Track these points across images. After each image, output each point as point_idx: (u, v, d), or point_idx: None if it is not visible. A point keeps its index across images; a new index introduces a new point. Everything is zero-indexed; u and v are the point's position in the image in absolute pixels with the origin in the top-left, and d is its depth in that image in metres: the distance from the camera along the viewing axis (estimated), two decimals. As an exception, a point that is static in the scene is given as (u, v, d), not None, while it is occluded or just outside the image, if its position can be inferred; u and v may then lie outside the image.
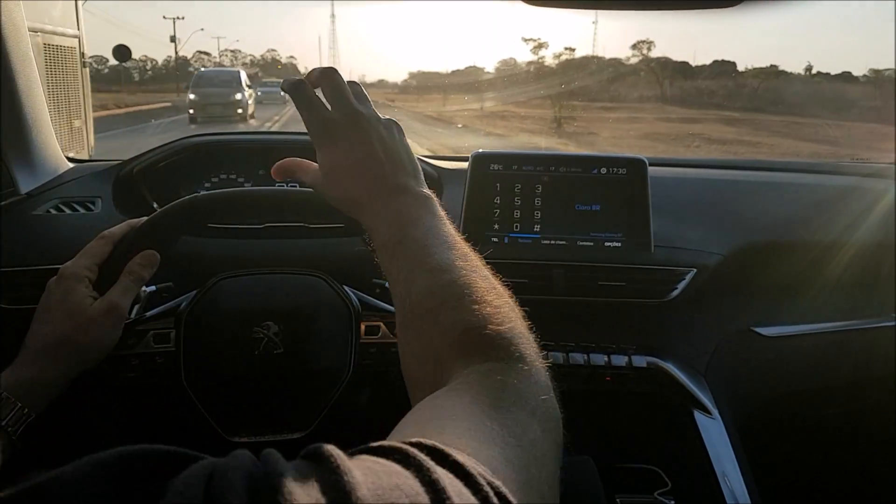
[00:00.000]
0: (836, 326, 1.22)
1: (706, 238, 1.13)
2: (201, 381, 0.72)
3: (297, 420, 0.74)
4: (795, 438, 1.34)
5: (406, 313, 0.51)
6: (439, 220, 0.57)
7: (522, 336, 0.48)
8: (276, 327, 0.75)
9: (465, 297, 0.48)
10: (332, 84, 0.62)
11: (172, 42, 43.59)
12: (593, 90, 26.04)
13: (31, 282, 0.94)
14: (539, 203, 1.09)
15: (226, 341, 0.74)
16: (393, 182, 0.59)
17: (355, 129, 0.60)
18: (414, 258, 0.52)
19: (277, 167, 0.66)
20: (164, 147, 1.18)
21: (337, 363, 0.75)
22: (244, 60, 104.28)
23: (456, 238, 0.55)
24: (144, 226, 0.73)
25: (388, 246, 0.55)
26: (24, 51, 1.07)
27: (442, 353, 0.47)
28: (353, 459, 0.27)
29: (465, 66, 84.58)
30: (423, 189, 0.60)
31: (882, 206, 1.23)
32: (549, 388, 0.45)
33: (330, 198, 0.62)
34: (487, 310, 0.48)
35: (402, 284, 0.52)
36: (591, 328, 1.11)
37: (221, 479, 0.23)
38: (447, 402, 0.40)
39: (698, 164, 1.46)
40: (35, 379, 0.64)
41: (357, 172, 0.59)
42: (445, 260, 0.51)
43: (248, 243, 1.05)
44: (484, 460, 0.31)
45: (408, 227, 0.55)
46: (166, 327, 0.74)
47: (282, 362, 0.74)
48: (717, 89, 30.52)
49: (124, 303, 0.69)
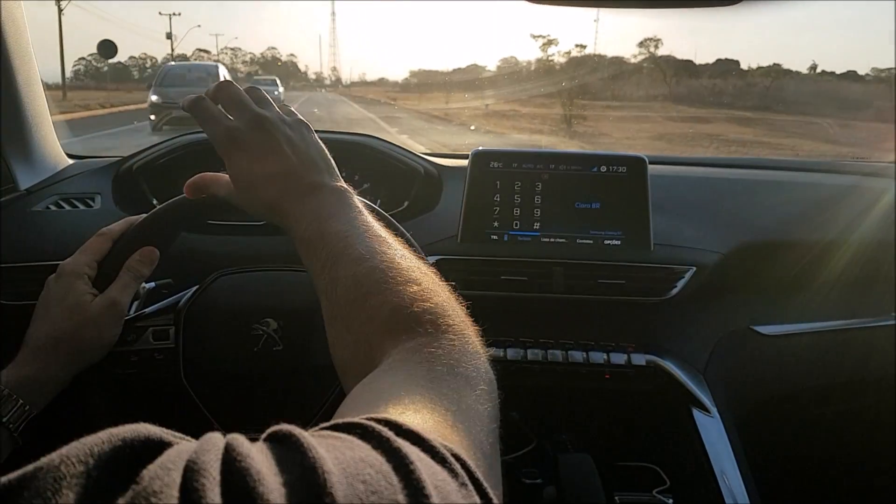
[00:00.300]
0: (836, 325, 1.22)
1: (706, 236, 1.13)
2: (201, 378, 0.72)
3: (297, 416, 0.74)
4: (794, 437, 1.34)
5: (332, 305, 0.51)
6: (357, 211, 0.57)
7: (448, 308, 0.49)
8: (275, 324, 0.75)
9: (389, 281, 0.49)
10: (229, 94, 0.62)
11: (169, 39, 42.59)
12: (597, 88, 25.38)
13: (31, 278, 0.95)
14: (539, 201, 1.09)
15: (225, 338, 0.74)
16: (307, 181, 0.59)
17: (260, 134, 0.59)
18: (335, 250, 0.52)
19: (190, 184, 0.66)
20: (164, 143, 1.18)
21: None
22: (244, 58, 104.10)
23: (374, 226, 0.56)
24: (144, 222, 0.73)
25: (308, 241, 0.55)
26: (24, 48, 1.07)
27: (372, 338, 0.47)
28: (316, 437, 0.28)
29: (466, 65, 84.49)
30: (338, 183, 0.60)
31: (882, 206, 1.23)
32: (479, 353, 0.47)
33: (248, 206, 0.61)
34: (412, 288, 0.48)
35: (325, 278, 0.52)
36: (590, 326, 1.11)
37: (195, 463, 0.23)
38: (383, 382, 0.41)
39: (698, 162, 1.46)
40: (35, 376, 0.64)
41: (268, 176, 0.59)
42: (366, 248, 0.52)
43: (247, 240, 1.06)
44: (431, 428, 0.32)
45: (326, 221, 0.55)
46: (165, 324, 0.74)
47: (281, 359, 0.74)
48: (725, 88, 29.75)
49: (124, 299, 0.69)
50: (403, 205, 1.19)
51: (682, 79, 30.17)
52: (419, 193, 1.19)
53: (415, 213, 1.15)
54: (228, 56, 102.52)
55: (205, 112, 0.61)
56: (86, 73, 55.98)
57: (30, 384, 0.63)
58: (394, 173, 1.21)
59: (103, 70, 39.47)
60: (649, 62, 33.87)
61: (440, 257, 1.05)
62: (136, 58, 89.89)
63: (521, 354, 1.05)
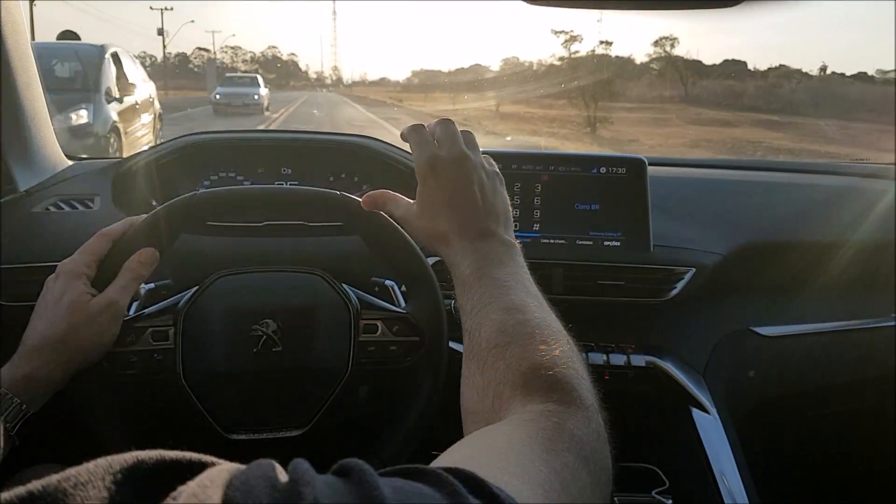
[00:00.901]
0: (835, 326, 1.22)
1: (705, 238, 1.13)
2: (200, 379, 0.72)
3: (296, 417, 0.74)
4: (794, 438, 1.34)
5: (474, 346, 0.52)
6: (520, 266, 0.60)
7: (584, 382, 0.49)
8: (274, 325, 0.75)
9: (535, 337, 0.50)
10: (446, 129, 0.66)
11: (160, 35, 41.05)
12: (611, 89, 23.21)
13: (30, 279, 0.94)
14: (538, 202, 1.09)
15: (225, 339, 0.74)
16: (483, 224, 0.61)
17: (459, 169, 0.63)
18: (490, 295, 0.54)
19: (368, 198, 0.71)
20: (163, 145, 1.18)
21: (335, 361, 0.75)
22: (244, 57, 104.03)
23: (533, 284, 0.58)
24: (144, 223, 0.73)
25: (467, 281, 0.57)
26: (23, 49, 1.07)
27: (504, 389, 0.47)
28: (384, 478, 0.27)
29: (469, 65, 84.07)
30: (510, 237, 0.63)
31: (881, 207, 1.23)
32: (605, 439, 0.47)
33: (417, 229, 0.65)
34: (556, 352, 0.49)
35: (474, 318, 0.54)
36: (589, 327, 1.11)
37: (243, 484, 0.23)
38: (500, 435, 0.41)
39: (698, 163, 1.46)
40: (32, 375, 0.64)
41: (451, 208, 0.62)
42: (520, 300, 0.53)
43: (247, 241, 1.05)
44: (522, 496, 0.31)
45: (489, 266, 0.57)
46: (165, 325, 0.74)
47: (280, 360, 0.74)
48: (745, 89, 28.02)
49: (123, 300, 0.69)
50: None
51: (696, 79, 28.75)
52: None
53: None
54: (228, 55, 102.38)
55: (420, 138, 0.65)
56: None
57: (27, 383, 0.63)
58: (394, 175, 1.21)
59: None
60: (663, 62, 32.01)
61: (439, 258, 1.05)
62: (136, 57, 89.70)
63: None
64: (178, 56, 77.81)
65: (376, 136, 1.28)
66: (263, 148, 1.24)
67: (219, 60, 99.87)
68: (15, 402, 0.61)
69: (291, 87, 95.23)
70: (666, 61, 32.15)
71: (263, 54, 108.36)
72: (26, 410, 0.62)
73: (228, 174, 1.22)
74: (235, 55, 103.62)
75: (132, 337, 0.72)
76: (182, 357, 0.72)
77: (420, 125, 0.67)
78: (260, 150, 1.23)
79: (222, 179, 1.21)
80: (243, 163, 1.22)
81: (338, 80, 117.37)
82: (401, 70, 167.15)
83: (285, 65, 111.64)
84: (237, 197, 0.79)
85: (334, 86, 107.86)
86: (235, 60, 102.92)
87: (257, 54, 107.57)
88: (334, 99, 39.80)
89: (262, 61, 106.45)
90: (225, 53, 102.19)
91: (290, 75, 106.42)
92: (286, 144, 1.24)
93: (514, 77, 41.81)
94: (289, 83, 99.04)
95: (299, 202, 0.80)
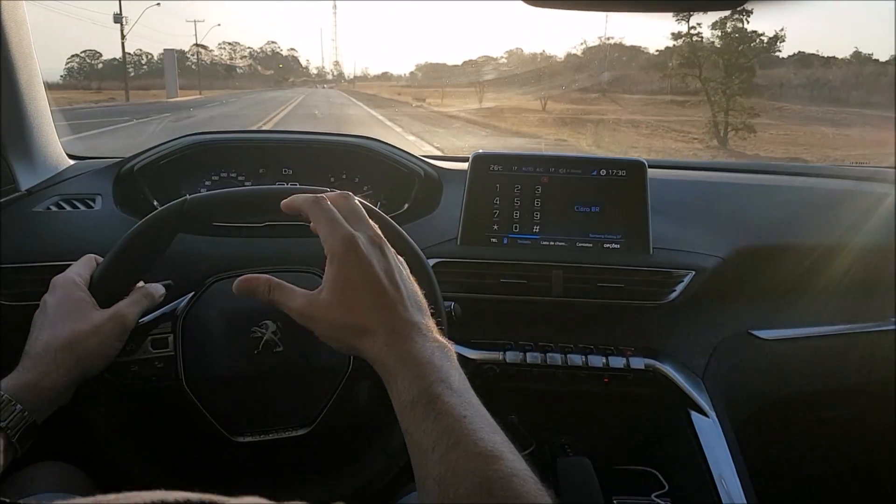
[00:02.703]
0: (835, 330, 1.22)
1: (705, 240, 1.13)
2: (202, 383, 0.72)
3: (300, 417, 0.74)
4: (793, 442, 1.35)
5: (443, 492, 0.47)
6: (462, 376, 0.54)
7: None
8: (274, 326, 0.75)
9: (521, 496, 0.45)
10: (351, 206, 0.62)
11: (117, 23, 31.22)
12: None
13: (32, 279, 0.95)
14: (539, 204, 1.09)
15: (225, 342, 0.75)
16: (406, 315, 0.56)
17: (378, 252, 0.59)
18: (451, 433, 0.48)
19: (242, 282, 0.63)
20: (165, 145, 1.18)
21: (336, 359, 0.75)
22: (242, 53, 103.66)
23: (475, 397, 0.53)
24: (137, 229, 0.73)
25: (414, 405, 0.51)
26: (25, 47, 1.07)
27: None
28: None
29: (478, 56, 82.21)
30: (436, 334, 0.57)
31: (881, 210, 1.23)
32: None
33: (328, 322, 0.58)
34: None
35: (441, 464, 0.48)
36: (589, 329, 1.11)
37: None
38: None
39: (697, 166, 1.46)
40: (35, 383, 0.63)
41: (372, 296, 0.56)
42: (491, 443, 0.48)
43: (246, 242, 1.06)
44: None
45: (435, 384, 0.51)
46: (164, 332, 0.74)
47: (282, 360, 0.74)
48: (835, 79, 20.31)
49: (132, 314, 0.70)
50: (404, 207, 1.19)
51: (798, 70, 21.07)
52: (419, 196, 1.19)
53: (415, 216, 1.15)
54: (227, 51, 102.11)
55: (329, 214, 0.59)
56: (80, 71, 55.29)
57: (30, 391, 0.63)
58: (394, 176, 1.21)
59: (98, 67, 38.50)
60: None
61: (440, 260, 1.05)
62: (131, 54, 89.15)
63: (520, 357, 1.06)
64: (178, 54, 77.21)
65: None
66: (265, 148, 1.24)
67: (215, 55, 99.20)
68: (17, 409, 0.61)
69: (291, 83, 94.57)
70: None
71: (262, 49, 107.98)
72: (28, 419, 0.62)
73: (230, 174, 1.22)
74: (234, 51, 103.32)
75: (132, 346, 0.72)
76: (183, 363, 0.72)
77: (321, 197, 0.61)
78: (261, 151, 1.23)
79: (223, 180, 1.21)
80: (244, 163, 1.22)
81: (339, 76, 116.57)
82: (403, 64, 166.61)
83: (285, 60, 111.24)
84: (229, 200, 0.78)
85: (335, 81, 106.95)
86: (234, 56, 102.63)
87: (256, 50, 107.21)
88: (340, 100, 32.93)
89: (261, 57, 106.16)
90: (223, 49, 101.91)
91: (290, 71, 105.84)
92: (287, 145, 1.24)
93: (544, 70, 33.97)
94: (287, 79, 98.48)
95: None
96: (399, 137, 11.99)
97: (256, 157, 1.22)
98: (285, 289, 0.61)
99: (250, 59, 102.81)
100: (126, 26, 25.32)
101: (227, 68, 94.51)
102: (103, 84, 28.12)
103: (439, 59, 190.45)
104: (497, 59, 67.90)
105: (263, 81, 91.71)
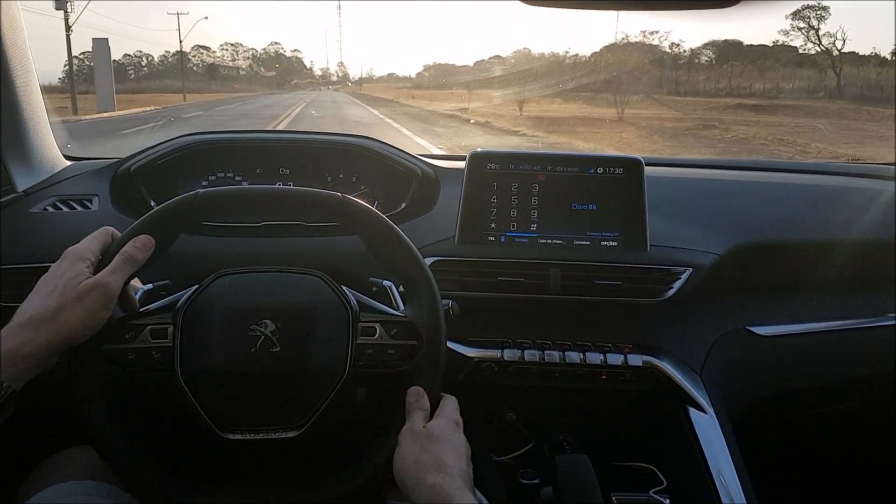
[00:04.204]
0: (833, 326, 1.22)
1: (702, 237, 1.13)
2: (197, 377, 0.73)
3: (292, 418, 0.74)
4: (791, 437, 1.35)
5: None
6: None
7: None
8: (273, 325, 0.75)
9: None
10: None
11: (59, 10, 21.61)
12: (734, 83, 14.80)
13: (29, 280, 0.94)
14: (536, 202, 1.09)
15: (223, 338, 0.75)
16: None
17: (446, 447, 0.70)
18: None
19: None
20: (161, 145, 1.18)
21: (333, 363, 0.75)
22: (245, 54, 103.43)
23: None
24: (146, 219, 0.75)
25: None
26: (21, 49, 1.07)
27: None
28: None
29: (488, 56, 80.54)
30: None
31: (879, 206, 1.23)
32: None
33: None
34: None
35: None
36: (587, 327, 1.11)
37: None
38: None
39: (695, 164, 1.46)
40: (14, 351, 0.64)
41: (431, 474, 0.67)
42: None
43: (246, 241, 1.06)
44: None
45: None
46: (164, 323, 0.74)
47: (278, 360, 0.74)
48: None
49: (114, 282, 0.70)
50: (401, 206, 1.19)
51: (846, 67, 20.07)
52: (417, 195, 1.19)
53: (412, 215, 1.15)
54: (229, 52, 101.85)
55: (421, 406, 0.75)
56: (78, 74, 55.12)
57: (10, 359, 0.63)
58: (392, 175, 1.22)
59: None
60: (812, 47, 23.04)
61: (438, 258, 1.05)
62: (130, 55, 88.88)
63: (518, 355, 1.06)
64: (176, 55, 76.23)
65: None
66: (262, 148, 1.24)
67: (217, 56, 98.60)
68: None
69: (293, 85, 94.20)
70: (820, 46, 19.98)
71: (266, 51, 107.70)
72: (7, 388, 0.62)
73: (227, 174, 1.22)
74: (236, 52, 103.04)
75: (131, 334, 0.72)
76: (180, 355, 0.73)
77: (421, 391, 0.76)
78: (258, 151, 1.24)
79: (220, 180, 1.21)
80: (241, 163, 1.22)
81: (344, 77, 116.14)
82: (410, 65, 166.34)
83: (289, 61, 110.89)
84: (241, 196, 0.80)
85: (340, 83, 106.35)
86: (236, 58, 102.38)
87: (259, 51, 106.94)
88: (349, 105, 27.84)
89: (264, 58, 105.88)
90: (225, 51, 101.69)
91: (294, 73, 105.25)
92: (284, 145, 1.24)
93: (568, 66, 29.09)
94: (290, 81, 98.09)
95: (297, 202, 0.80)
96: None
97: (253, 157, 1.23)
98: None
99: (252, 60, 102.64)
100: (72, 15, 20.63)
101: (209, 68, 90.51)
102: (90, 88, 27.27)
103: (447, 59, 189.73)
104: (506, 58, 65.93)
105: (265, 83, 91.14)
